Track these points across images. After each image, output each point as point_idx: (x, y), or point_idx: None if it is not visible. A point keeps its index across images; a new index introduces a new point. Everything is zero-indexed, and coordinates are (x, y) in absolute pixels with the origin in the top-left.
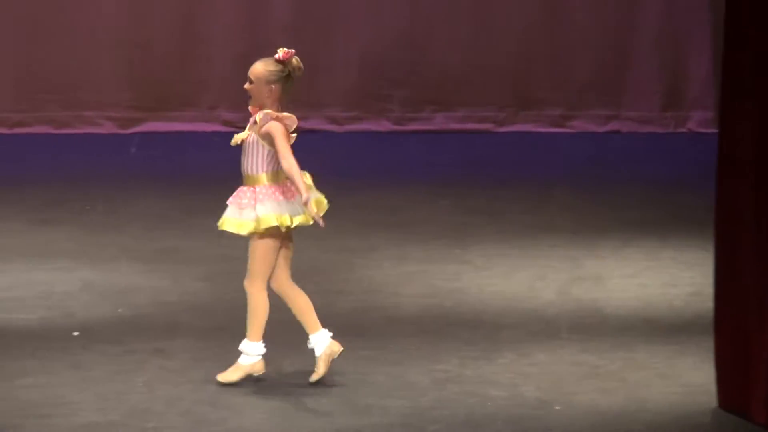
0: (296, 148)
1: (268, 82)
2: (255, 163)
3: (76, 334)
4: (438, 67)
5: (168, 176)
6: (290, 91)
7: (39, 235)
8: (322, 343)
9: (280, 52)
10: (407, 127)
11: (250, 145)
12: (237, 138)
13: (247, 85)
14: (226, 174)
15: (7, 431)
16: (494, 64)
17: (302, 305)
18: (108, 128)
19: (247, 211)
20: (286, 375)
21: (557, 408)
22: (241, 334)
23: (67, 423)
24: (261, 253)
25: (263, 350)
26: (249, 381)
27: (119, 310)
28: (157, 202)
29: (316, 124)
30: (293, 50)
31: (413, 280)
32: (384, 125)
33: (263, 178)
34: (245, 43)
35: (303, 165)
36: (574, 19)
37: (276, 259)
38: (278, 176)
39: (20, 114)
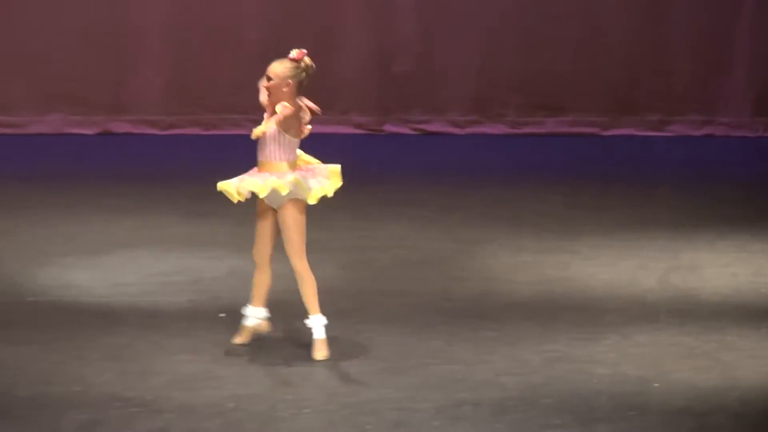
0: (427, 149)
1: (285, 78)
2: (276, 152)
3: (222, 315)
4: (549, 75)
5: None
6: (303, 87)
7: (192, 226)
8: (256, 318)
9: (294, 52)
10: (521, 131)
11: (272, 136)
12: (258, 131)
13: (265, 83)
14: (354, 173)
15: (161, 401)
16: (600, 72)
17: (261, 283)
18: (249, 130)
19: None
20: (418, 355)
21: (656, 385)
22: (371, 317)
23: (215, 394)
24: (296, 226)
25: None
26: (377, 360)
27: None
28: None
29: (439, 127)
30: (305, 50)
31: (527, 269)
32: (500, 129)
33: (283, 166)
34: (372, 52)
35: (430, 165)
36: (674, 32)
37: (305, 232)
38: (294, 166)
39: (173, 117)
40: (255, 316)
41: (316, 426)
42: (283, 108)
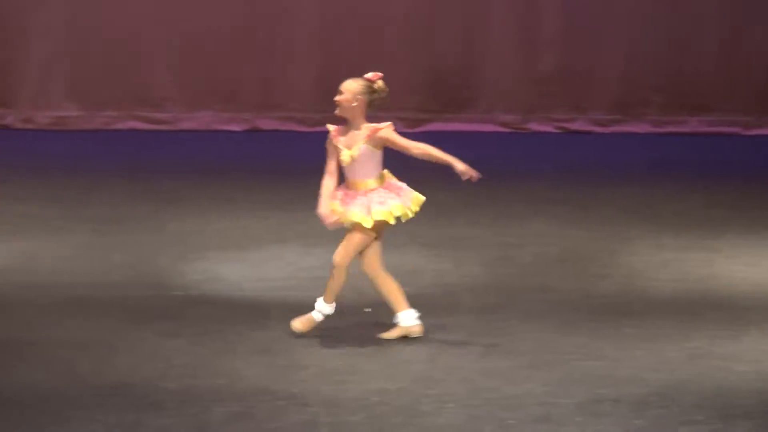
0: (570, 147)
1: (356, 94)
2: (366, 170)
3: (367, 310)
4: (692, 74)
5: (450, 171)
6: (372, 107)
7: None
8: (408, 321)
9: (370, 74)
10: (663, 130)
11: (363, 157)
12: (348, 157)
13: (337, 97)
14: (498, 171)
15: (307, 394)
16: (743, 72)
17: (393, 288)
18: (398, 127)
19: (375, 205)
20: (560, 351)
21: None
22: (513, 313)
23: (361, 388)
24: (361, 238)
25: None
26: (519, 355)
27: (406, 289)
28: (441, 193)
29: (582, 125)
30: (381, 74)
31: (668, 266)
32: (642, 127)
33: (371, 182)
34: (518, 51)
35: (573, 163)
36: None
37: (366, 244)
38: (382, 179)
39: (321, 114)
40: (405, 319)
41: (460, 420)
42: (392, 135)
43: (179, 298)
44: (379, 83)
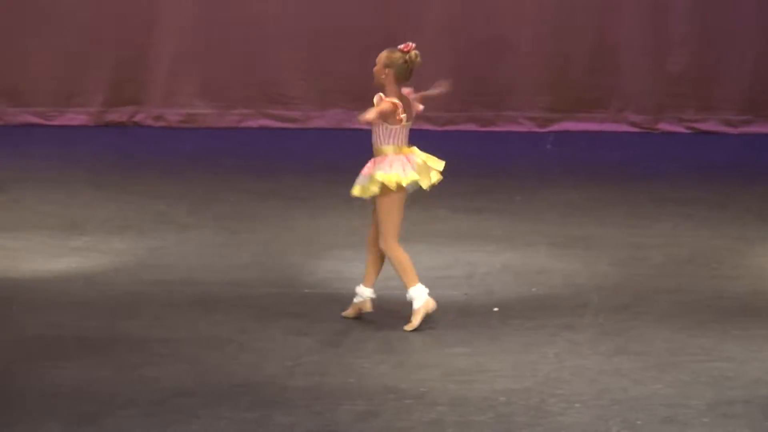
0: (701, 148)
1: (386, 66)
2: (379, 138)
3: (496, 309)
4: None
5: (580, 170)
6: (407, 77)
7: (468, 221)
8: (421, 297)
9: (402, 45)
10: None
11: (376, 124)
12: (361, 118)
13: (374, 69)
14: (629, 171)
15: (434, 393)
16: None
17: (406, 262)
18: (527, 126)
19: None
20: (689, 352)
21: None
22: (643, 314)
23: (488, 388)
24: (385, 213)
25: (425, 289)
26: (648, 356)
27: (533, 290)
28: (571, 193)
29: (713, 126)
30: (414, 44)
31: None
32: None
33: (388, 149)
34: (648, 50)
35: (704, 163)
36: None
37: (401, 218)
38: (399, 151)
39: (451, 113)
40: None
41: (587, 420)
42: (380, 103)
43: (308, 296)
44: (412, 54)
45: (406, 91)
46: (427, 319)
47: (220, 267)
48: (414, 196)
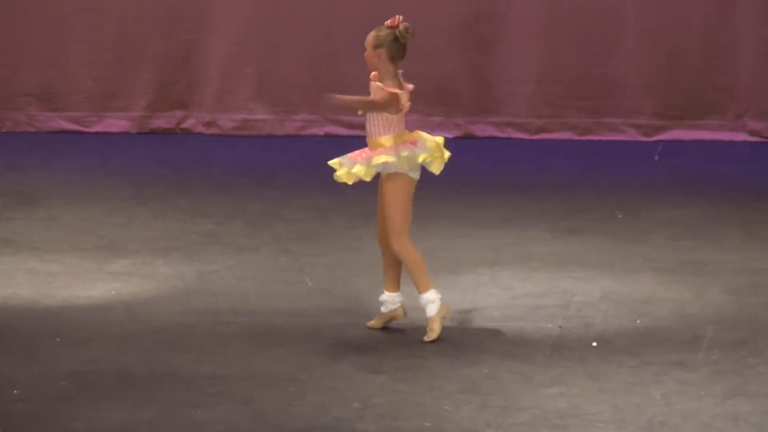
0: None
1: (375, 47)
2: (377, 128)
3: (594, 344)
4: None
5: (691, 185)
6: (402, 55)
7: (561, 243)
8: (435, 303)
9: (389, 20)
10: None
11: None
12: (338, 99)
13: (365, 53)
14: (750, 186)
15: None
16: None
17: (421, 264)
18: (631, 135)
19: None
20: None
21: None
22: (766, 349)
23: None
24: (392, 205)
25: (438, 294)
26: (765, 397)
27: (638, 321)
28: (682, 210)
29: None
30: (401, 17)
31: None
32: None
33: (384, 140)
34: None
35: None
36: None
37: (410, 210)
38: (400, 138)
39: (543, 120)
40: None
41: None
42: (377, 93)
43: (379, 328)
44: (401, 28)
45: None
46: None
47: (279, 294)
48: (503, 215)
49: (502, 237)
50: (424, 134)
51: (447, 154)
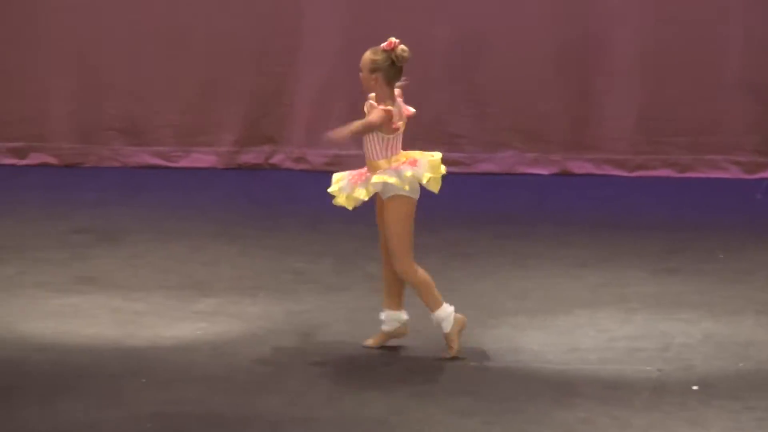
0: None
1: (372, 71)
2: (374, 150)
3: (695, 388)
4: None
5: None
6: (397, 78)
7: (661, 283)
8: (449, 319)
9: (385, 43)
10: None
11: (369, 134)
12: (336, 134)
13: (360, 75)
14: None
15: None
16: None
17: (429, 283)
18: (733, 173)
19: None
20: None
21: None
22: None
23: None
24: (394, 228)
25: (450, 307)
26: None
27: (740, 365)
28: None
29: None
30: (398, 40)
31: None
32: None
33: (383, 163)
34: None
35: None
36: None
37: (412, 231)
38: (397, 159)
39: (642, 156)
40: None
41: None
42: (371, 112)
43: (473, 370)
44: (398, 50)
45: (396, 92)
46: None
47: (370, 334)
48: (600, 254)
49: (599, 277)
50: (420, 153)
51: (443, 170)
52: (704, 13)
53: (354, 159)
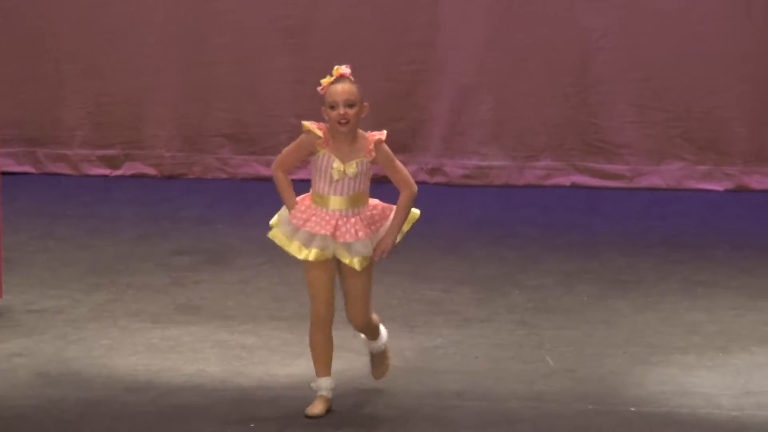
0: None
1: (363, 100)
2: (365, 185)
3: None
4: None
5: None
6: None
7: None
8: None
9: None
10: None
11: (365, 171)
12: (351, 171)
13: (349, 110)
14: None
15: None
16: None
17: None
18: None
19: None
20: None
21: None
22: None
23: None
24: (368, 286)
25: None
26: None
27: None
28: None
29: None
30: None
31: None
32: None
33: (365, 196)
34: None
35: None
36: None
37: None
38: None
39: None
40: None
41: None
42: (397, 164)
43: (632, 416)
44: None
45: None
46: None
47: (514, 374)
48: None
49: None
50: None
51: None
52: None
53: (497, 170)
